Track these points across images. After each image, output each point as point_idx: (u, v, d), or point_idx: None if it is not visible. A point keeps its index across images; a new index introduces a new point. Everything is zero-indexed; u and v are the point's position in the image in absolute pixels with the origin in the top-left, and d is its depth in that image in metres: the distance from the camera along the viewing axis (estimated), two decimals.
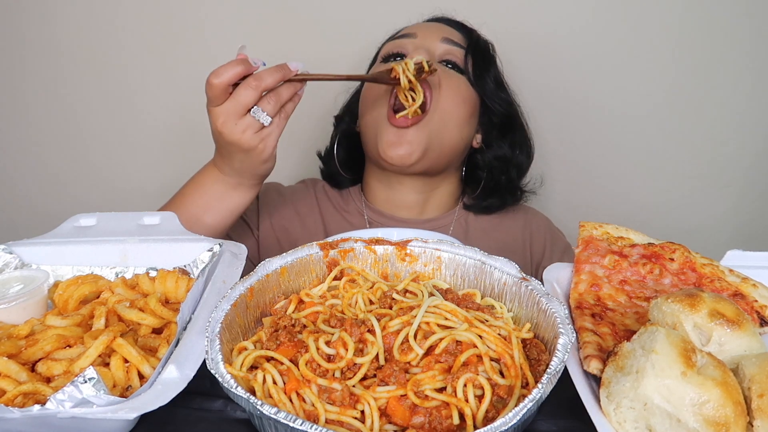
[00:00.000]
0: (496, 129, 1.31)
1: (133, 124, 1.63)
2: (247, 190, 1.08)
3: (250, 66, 0.94)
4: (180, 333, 0.72)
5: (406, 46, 1.22)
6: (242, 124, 0.94)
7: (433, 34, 1.22)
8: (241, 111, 0.94)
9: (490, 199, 1.33)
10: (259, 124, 0.95)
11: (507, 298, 0.81)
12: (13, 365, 0.67)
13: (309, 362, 0.67)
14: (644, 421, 0.59)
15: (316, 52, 1.51)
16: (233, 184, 1.06)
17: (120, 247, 0.94)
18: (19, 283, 0.84)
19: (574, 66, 1.54)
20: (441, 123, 1.17)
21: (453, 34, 1.25)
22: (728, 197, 1.66)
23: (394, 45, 1.24)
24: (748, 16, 1.49)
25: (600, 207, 1.66)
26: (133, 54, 1.56)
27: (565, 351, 0.64)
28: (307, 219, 1.33)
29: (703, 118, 1.58)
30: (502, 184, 1.32)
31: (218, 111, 0.94)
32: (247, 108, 0.93)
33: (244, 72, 0.93)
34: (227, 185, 1.06)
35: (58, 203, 1.70)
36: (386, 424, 0.62)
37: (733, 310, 0.67)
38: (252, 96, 0.92)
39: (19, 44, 1.56)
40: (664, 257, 0.88)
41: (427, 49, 1.21)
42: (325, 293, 0.82)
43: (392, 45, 1.25)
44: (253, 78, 0.93)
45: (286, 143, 1.59)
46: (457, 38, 1.25)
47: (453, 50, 1.22)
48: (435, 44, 1.21)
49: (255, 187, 1.09)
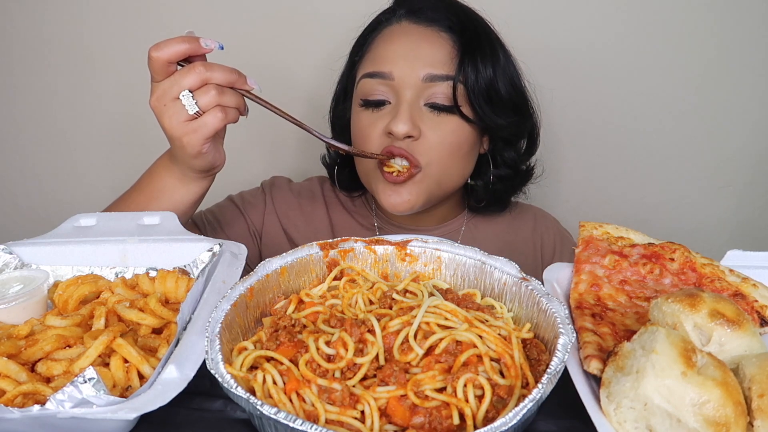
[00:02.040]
0: (502, 139, 1.20)
1: (133, 124, 1.63)
2: (192, 182, 1.00)
3: (199, 46, 0.88)
4: (180, 333, 0.72)
5: (382, 93, 1.07)
6: (172, 107, 0.88)
7: (413, 71, 1.04)
8: (176, 93, 0.87)
9: (495, 205, 1.28)
10: (186, 113, 0.88)
11: (507, 298, 0.81)
12: (13, 365, 0.67)
13: (309, 362, 0.67)
14: (644, 421, 0.59)
15: (303, 47, 1.50)
16: (178, 174, 0.99)
17: (120, 247, 0.94)
18: (18, 283, 0.84)
19: (573, 66, 1.55)
20: (438, 173, 1.09)
21: (436, 57, 1.05)
22: (729, 197, 1.66)
23: (370, 88, 1.08)
24: (749, 16, 1.49)
25: (600, 207, 1.66)
26: (133, 52, 1.56)
27: (565, 351, 0.64)
28: (313, 216, 1.31)
29: (704, 118, 1.58)
30: (508, 186, 1.26)
31: (154, 86, 0.89)
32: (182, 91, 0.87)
33: (190, 51, 0.87)
34: (173, 175, 1.00)
35: (57, 203, 1.70)
36: (386, 424, 0.62)
37: (733, 310, 0.67)
38: (192, 80, 0.86)
39: (16, 43, 1.56)
40: (664, 257, 0.88)
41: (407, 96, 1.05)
42: (325, 293, 0.82)
43: (367, 87, 1.08)
44: (202, 64, 0.87)
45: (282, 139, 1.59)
46: (442, 57, 1.05)
47: (437, 90, 1.05)
48: (416, 86, 1.05)
49: (200, 181, 1.01)
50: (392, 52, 1.08)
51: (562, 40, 1.52)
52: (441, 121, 1.07)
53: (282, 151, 1.68)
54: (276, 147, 1.68)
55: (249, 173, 1.59)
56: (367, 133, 1.09)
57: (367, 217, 1.32)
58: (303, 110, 1.57)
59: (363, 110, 1.11)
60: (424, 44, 1.07)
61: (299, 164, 1.66)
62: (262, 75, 1.55)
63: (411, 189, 1.08)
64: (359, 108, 1.12)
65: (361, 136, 1.12)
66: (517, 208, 1.36)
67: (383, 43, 1.11)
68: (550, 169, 1.63)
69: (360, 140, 1.12)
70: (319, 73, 1.41)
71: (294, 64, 1.54)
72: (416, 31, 1.09)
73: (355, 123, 1.14)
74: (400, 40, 1.09)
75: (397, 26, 1.12)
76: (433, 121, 1.07)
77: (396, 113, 1.04)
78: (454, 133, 1.07)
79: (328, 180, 1.36)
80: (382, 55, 1.09)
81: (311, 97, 1.50)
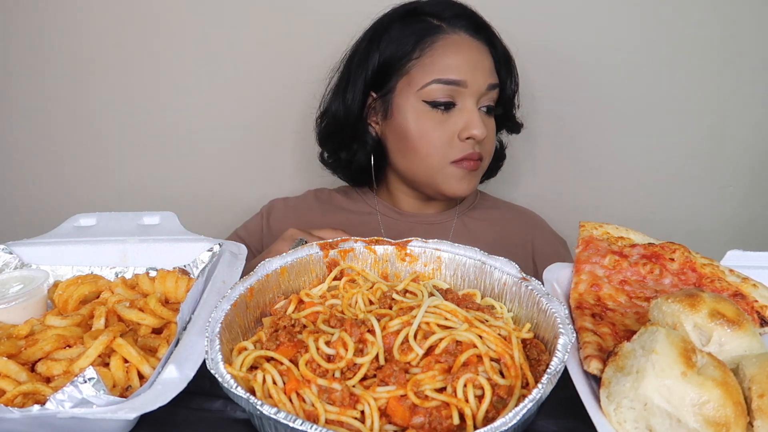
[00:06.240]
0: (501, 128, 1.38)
1: (133, 124, 1.62)
2: None
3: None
4: (180, 333, 0.72)
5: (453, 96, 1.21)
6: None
7: (481, 80, 1.21)
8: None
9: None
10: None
11: (507, 298, 0.81)
12: (13, 365, 0.67)
13: (309, 362, 0.67)
14: (644, 422, 0.59)
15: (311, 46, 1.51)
16: None
17: (120, 247, 0.94)
18: (18, 283, 0.84)
19: (574, 65, 1.54)
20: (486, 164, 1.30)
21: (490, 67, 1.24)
22: (729, 197, 1.66)
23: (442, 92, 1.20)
24: (749, 15, 1.49)
25: (600, 207, 1.66)
26: (133, 54, 1.56)
27: (565, 351, 0.64)
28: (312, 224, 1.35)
29: (705, 118, 1.58)
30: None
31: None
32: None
33: None
34: None
35: (58, 203, 1.70)
36: (386, 424, 0.62)
37: (733, 310, 0.67)
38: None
39: (15, 44, 1.56)
40: (664, 257, 0.88)
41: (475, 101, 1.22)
42: (325, 293, 0.82)
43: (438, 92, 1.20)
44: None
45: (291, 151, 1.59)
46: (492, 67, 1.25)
47: (491, 95, 1.24)
48: (482, 93, 1.22)
49: None
50: (464, 61, 1.20)
51: (565, 41, 1.52)
52: (490, 121, 1.26)
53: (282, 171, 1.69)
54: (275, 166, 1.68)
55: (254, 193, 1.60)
56: (434, 133, 1.21)
57: (369, 212, 1.37)
58: (306, 110, 1.57)
59: (429, 110, 1.21)
60: (483, 57, 1.23)
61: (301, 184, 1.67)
62: (263, 75, 1.56)
63: (475, 177, 1.28)
64: (423, 108, 1.21)
65: (425, 134, 1.22)
66: (510, 206, 1.47)
67: (452, 53, 1.20)
68: (551, 169, 1.64)
69: (426, 140, 1.22)
70: (320, 72, 1.40)
71: (294, 63, 1.54)
72: (474, 44, 1.23)
73: (417, 121, 1.22)
74: (468, 51, 1.21)
75: (458, 37, 1.22)
76: (488, 121, 1.25)
77: (470, 118, 1.19)
78: (493, 131, 1.29)
79: (322, 190, 1.47)
80: (454, 64, 1.19)
81: (313, 96, 1.50)
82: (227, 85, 1.57)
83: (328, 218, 1.37)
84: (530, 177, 1.65)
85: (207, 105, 1.59)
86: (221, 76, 1.56)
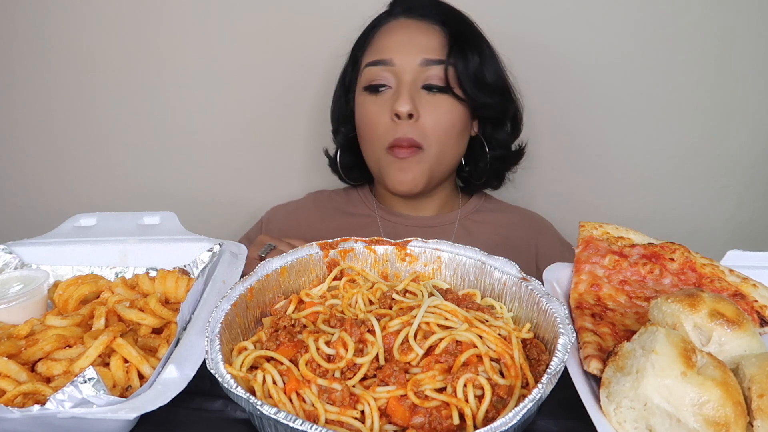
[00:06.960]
0: (491, 121, 1.31)
1: (134, 123, 1.62)
2: None
3: None
4: (180, 333, 0.72)
5: (384, 78, 1.20)
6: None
7: (411, 56, 1.17)
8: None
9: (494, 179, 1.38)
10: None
11: (507, 298, 0.81)
12: (13, 365, 0.67)
13: (309, 362, 0.67)
14: (644, 421, 0.59)
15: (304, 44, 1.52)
16: None
17: (120, 247, 0.94)
18: (19, 283, 0.84)
19: (573, 65, 1.54)
20: (437, 153, 1.20)
21: (430, 45, 1.18)
22: (728, 197, 1.66)
23: (373, 75, 1.20)
24: (749, 15, 1.49)
25: (600, 207, 1.66)
26: (134, 54, 1.56)
27: (565, 351, 0.64)
28: (310, 226, 1.37)
29: (704, 118, 1.58)
30: (502, 165, 1.37)
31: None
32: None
33: None
34: None
35: (58, 203, 1.70)
36: (386, 424, 0.62)
37: (733, 310, 0.67)
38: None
39: (16, 43, 1.56)
40: (664, 257, 0.88)
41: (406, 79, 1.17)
42: (325, 293, 0.82)
43: (371, 74, 1.21)
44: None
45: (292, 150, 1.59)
46: (435, 45, 1.18)
47: (432, 72, 1.17)
48: (414, 69, 1.17)
49: None
50: (392, 42, 1.21)
51: (565, 41, 1.52)
52: (436, 101, 1.19)
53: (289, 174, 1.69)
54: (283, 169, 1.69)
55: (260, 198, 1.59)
56: (374, 118, 1.20)
57: (367, 214, 1.37)
58: (306, 110, 1.57)
59: (367, 96, 1.23)
60: (419, 34, 1.21)
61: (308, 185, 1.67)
62: (265, 75, 1.56)
63: (414, 168, 1.20)
64: (363, 94, 1.24)
65: (367, 121, 1.23)
66: (515, 210, 1.44)
67: (384, 36, 1.24)
68: (551, 169, 1.64)
69: (366, 125, 1.23)
70: (321, 72, 1.41)
71: (294, 63, 1.54)
72: (412, 24, 1.23)
73: (360, 109, 1.25)
74: (398, 32, 1.23)
75: (395, 21, 1.25)
76: (430, 102, 1.18)
77: (398, 95, 1.16)
78: (448, 113, 1.20)
79: (322, 192, 1.47)
80: (383, 46, 1.22)
81: (316, 95, 1.50)
82: (228, 85, 1.57)
83: (326, 223, 1.37)
84: (530, 177, 1.65)
85: (208, 105, 1.59)
86: (222, 77, 1.56)
